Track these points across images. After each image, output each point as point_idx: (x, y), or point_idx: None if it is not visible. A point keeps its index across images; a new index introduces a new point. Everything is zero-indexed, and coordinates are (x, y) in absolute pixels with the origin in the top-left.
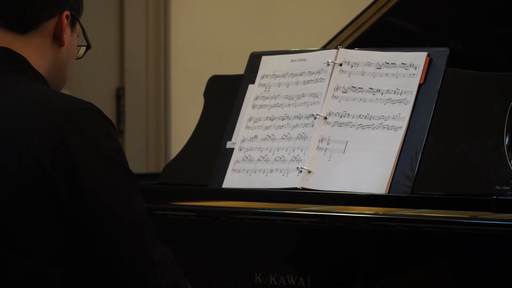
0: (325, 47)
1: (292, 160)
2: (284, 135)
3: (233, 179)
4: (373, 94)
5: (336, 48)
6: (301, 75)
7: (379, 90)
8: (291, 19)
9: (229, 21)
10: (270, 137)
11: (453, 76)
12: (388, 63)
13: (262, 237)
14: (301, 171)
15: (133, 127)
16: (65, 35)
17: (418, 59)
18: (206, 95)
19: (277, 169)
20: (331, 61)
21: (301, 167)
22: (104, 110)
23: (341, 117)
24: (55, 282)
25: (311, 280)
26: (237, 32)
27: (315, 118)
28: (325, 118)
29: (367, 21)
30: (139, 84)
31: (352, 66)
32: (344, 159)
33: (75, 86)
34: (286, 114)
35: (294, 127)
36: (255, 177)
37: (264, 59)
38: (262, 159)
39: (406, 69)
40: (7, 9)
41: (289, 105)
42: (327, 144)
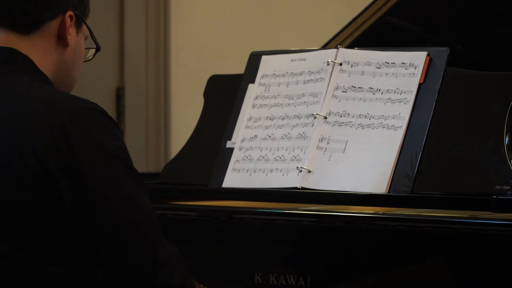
0: (325, 47)
1: (292, 159)
2: (284, 134)
3: (233, 179)
4: (373, 93)
5: (336, 47)
6: (301, 74)
7: (379, 89)
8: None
9: (229, 21)
10: (270, 136)
11: (453, 75)
12: (388, 63)
13: (262, 236)
14: (301, 171)
15: (133, 126)
16: (69, 36)
17: (418, 58)
18: (206, 94)
19: (277, 169)
20: (331, 61)
21: (301, 167)
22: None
23: (341, 117)
24: (58, 281)
25: (311, 279)
26: (237, 31)
27: (315, 117)
28: (325, 117)
29: (367, 21)
30: (139, 83)
31: (352, 65)
32: (344, 159)
33: (75, 85)
34: (286, 113)
35: (294, 126)
36: (255, 177)
37: (264, 58)
38: (262, 158)
39: (406, 69)
40: (8, 10)
41: (289, 104)
42: (327, 143)
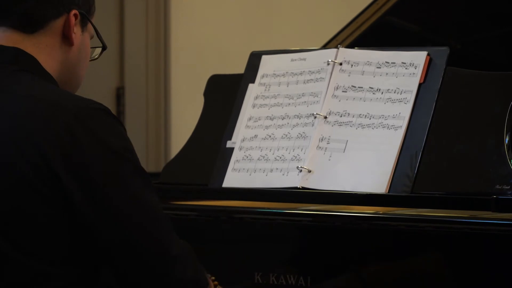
0: (325, 47)
1: (292, 159)
2: (284, 134)
3: (233, 179)
4: (373, 93)
5: (336, 47)
6: (301, 74)
7: (379, 89)
8: (291, 18)
9: (229, 21)
10: (270, 136)
11: (453, 75)
12: (388, 63)
13: (262, 236)
14: (301, 171)
15: (133, 126)
16: (74, 35)
17: (418, 58)
18: (206, 94)
19: (277, 169)
20: (331, 61)
21: (301, 167)
22: None
23: (341, 117)
24: (61, 282)
25: (311, 279)
26: (237, 31)
27: (315, 117)
28: (325, 117)
29: (367, 21)
30: (139, 83)
31: (352, 65)
32: (344, 159)
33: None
34: (286, 113)
35: (294, 126)
36: (255, 177)
37: (264, 58)
38: (262, 158)
39: (406, 69)
40: (13, 9)
41: (289, 104)
42: (327, 143)
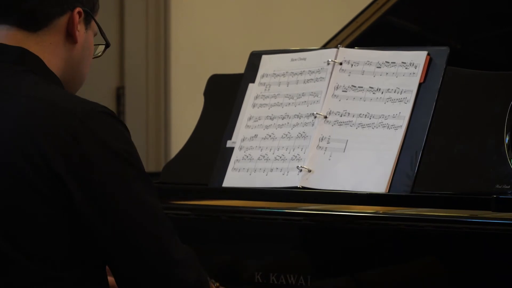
0: (325, 46)
1: (292, 159)
2: (284, 134)
3: (233, 178)
4: (373, 93)
5: (336, 47)
6: (301, 74)
7: (379, 89)
8: (291, 18)
9: (229, 20)
10: (270, 136)
11: (453, 75)
12: (388, 62)
13: (262, 236)
14: (301, 170)
15: (133, 126)
16: (78, 32)
17: (418, 58)
18: (206, 94)
19: (277, 168)
20: (331, 60)
21: (301, 166)
22: None
23: (341, 116)
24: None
25: (311, 279)
26: (237, 31)
27: (315, 117)
28: (325, 117)
29: (367, 20)
30: (139, 83)
31: (352, 65)
32: (344, 158)
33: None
34: (286, 113)
35: (294, 126)
36: (255, 176)
37: (264, 58)
38: (262, 158)
39: (406, 68)
40: (17, 7)
41: (289, 104)
42: (327, 143)
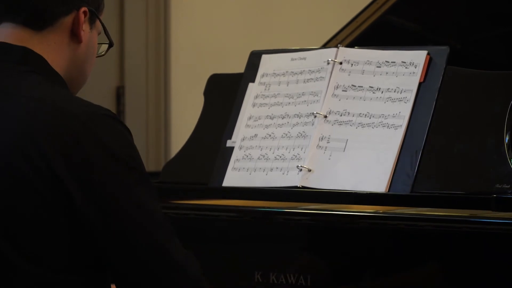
0: (325, 46)
1: (292, 158)
2: (284, 133)
3: (233, 178)
4: (373, 92)
5: (336, 46)
6: (301, 73)
7: (379, 88)
8: (291, 17)
9: (229, 20)
10: (270, 135)
11: (453, 74)
12: (388, 62)
13: (262, 235)
14: (301, 170)
15: (133, 125)
16: (83, 32)
17: (418, 57)
18: (206, 93)
19: (277, 168)
20: (331, 60)
21: (301, 166)
22: None
23: (341, 116)
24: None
25: (311, 278)
26: (237, 30)
27: (315, 116)
28: (325, 116)
29: (367, 20)
30: (139, 82)
31: (352, 64)
32: (344, 158)
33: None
34: (286, 112)
35: (294, 125)
36: (255, 176)
37: (264, 57)
38: (262, 157)
39: (406, 68)
40: (22, 5)
41: (289, 103)
42: (327, 142)
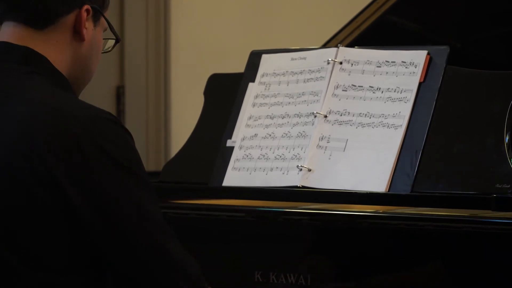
0: (325, 46)
1: (292, 158)
2: (284, 133)
3: (233, 178)
4: (373, 92)
5: (336, 46)
6: (301, 73)
7: (379, 88)
8: (291, 17)
9: (229, 20)
10: (270, 135)
11: (453, 74)
12: (388, 62)
13: (262, 235)
14: (301, 170)
15: (133, 125)
16: (85, 30)
17: (418, 57)
18: (206, 93)
19: (277, 168)
20: (331, 60)
21: (301, 166)
22: (104, 108)
23: (341, 116)
24: None
25: (311, 278)
26: (237, 30)
27: (315, 116)
28: (325, 116)
29: (367, 20)
30: (139, 82)
31: (352, 64)
32: (344, 158)
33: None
34: (286, 112)
35: (294, 125)
36: (255, 176)
37: (264, 57)
38: (262, 157)
39: (406, 68)
40: (23, 4)
41: (289, 103)
42: (327, 142)
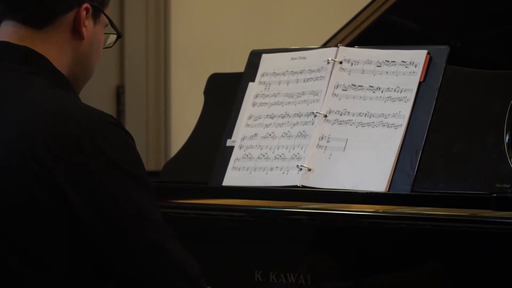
0: (325, 45)
1: (292, 158)
2: (284, 133)
3: (233, 177)
4: (373, 92)
5: (336, 46)
6: (301, 73)
7: (379, 88)
8: (291, 17)
9: (229, 19)
10: (270, 135)
11: (453, 74)
12: (388, 61)
13: (262, 235)
14: (301, 169)
15: (133, 125)
16: (85, 29)
17: (418, 57)
18: (206, 93)
19: (277, 167)
20: (331, 59)
21: (301, 165)
22: (104, 108)
23: (341, 115)
24: None
25: (311, 278)
26: (237, 30)
27: (315, 116)
28: (325, 116)
29: (367, 19)
30: (139, 82)
31: (352, 64)
32: (344, 157)
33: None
34: (286, 112)
35: (294, 125)
36: (255, 175)
37: (264, 57)
38: (262, 157)
39: (406, 67)
40: (22, 4)
41: (289, 103)
42: (327, 142)
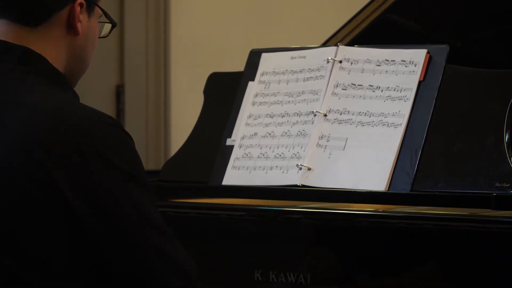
0: (325, 44)
1: (292, 157)
2: (284, 132)
3: (233, 176)
4: (373, 91)
5: (336, 45)
6: (301, 72)
7: (379, 87)
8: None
9: (229, 18)
10: (270, 134)
11: (453, 73)
12: (388, 60)
13: (262, 234)
14: (301, 168)
15: (132, 124)
16: (79, 24)
17: (418, 56)
18: (206, 92)
19: (277, 166)
20: (331, 58)
21: (301, 164)
22: (103, 107)
23: (341, 114)
24: None
25: (311, 277)
26: (236, 29)
27: (315, 115)
28: (325, 115)
29: (367, 18)
30: (139, 81)
31: (352, 63)
32: (344, 156)
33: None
34: (286, 111)
35: (294, 124)
36: (255, 174)
37: (264, 56)
38: (262, 156)
39: (406, 66)
40: (17, 2)
41: (289, 102)
42: (327, 141)
